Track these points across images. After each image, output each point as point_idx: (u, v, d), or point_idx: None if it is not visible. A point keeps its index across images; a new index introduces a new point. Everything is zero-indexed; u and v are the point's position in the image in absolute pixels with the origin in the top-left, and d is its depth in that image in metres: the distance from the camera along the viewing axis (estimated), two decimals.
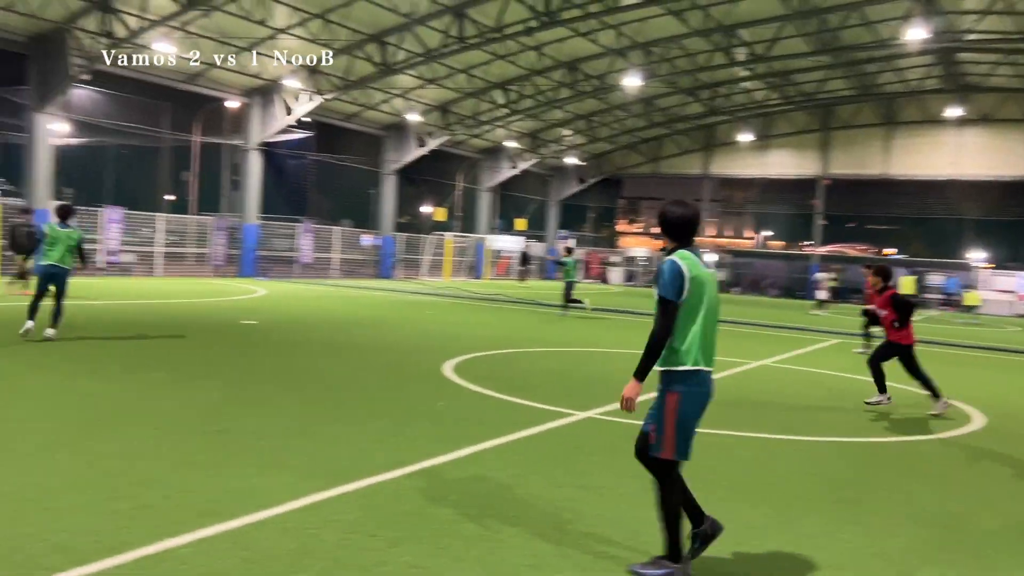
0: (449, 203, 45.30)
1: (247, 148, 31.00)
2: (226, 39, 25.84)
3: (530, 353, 12.55)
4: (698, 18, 25.72)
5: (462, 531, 4.50)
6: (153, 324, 13.51)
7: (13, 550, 3.83)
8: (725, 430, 7.61)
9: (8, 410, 6.61)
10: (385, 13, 24.82)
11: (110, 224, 26.71)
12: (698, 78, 33.82)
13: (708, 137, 45.01)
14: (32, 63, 24.33)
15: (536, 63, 30.29)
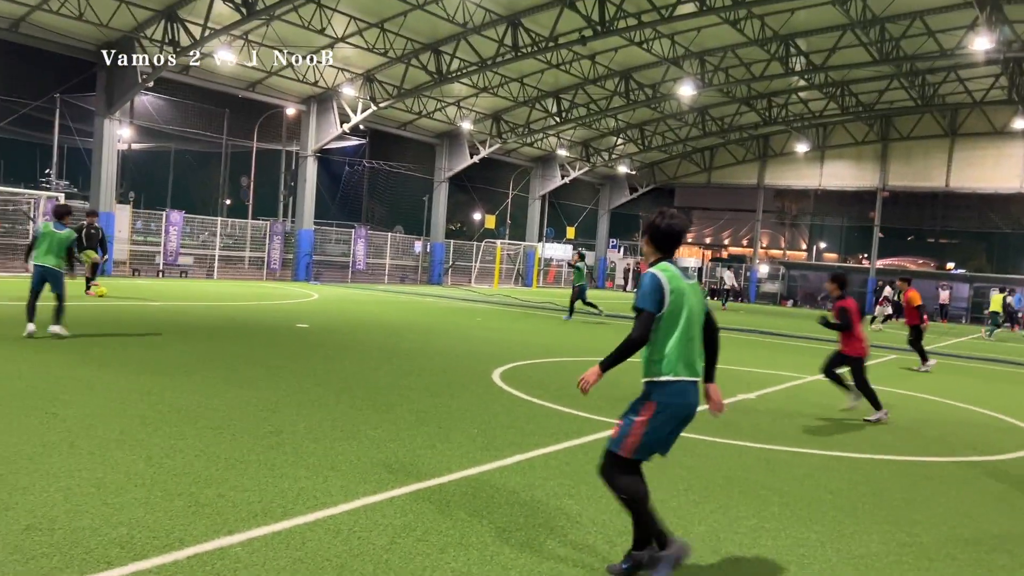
0: (500, 211, 45.43)
1: (303, 154, 31.56)
2: (285, 48, 26.38)
3: (579, 362, 12.49)
4: (755, 27, 25.43)
5: (511, 539, 4.50)
6: (210, 326, 13.80)
7: (73, 543, 3.94)
8: (778, 445, 7.48)
9: (73, 407, 6.81)
10: (441, 22, 25.08)
11: (171, 227, 27.40)
12: (754, 88, 33.43)
13: (763, 147, 44.41)
14: (100, 70, 25.17)
15: (589, 72, 30.28)
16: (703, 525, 5.04)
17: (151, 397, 7.44)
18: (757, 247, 47.46)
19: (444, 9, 24.12)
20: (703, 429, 7.87)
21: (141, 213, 29.05)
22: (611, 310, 25.68)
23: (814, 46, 27.89)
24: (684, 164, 46.96)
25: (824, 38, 26.76)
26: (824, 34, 26.28)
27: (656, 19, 23.22)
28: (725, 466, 6.55)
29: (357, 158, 45.49)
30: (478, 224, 50.96)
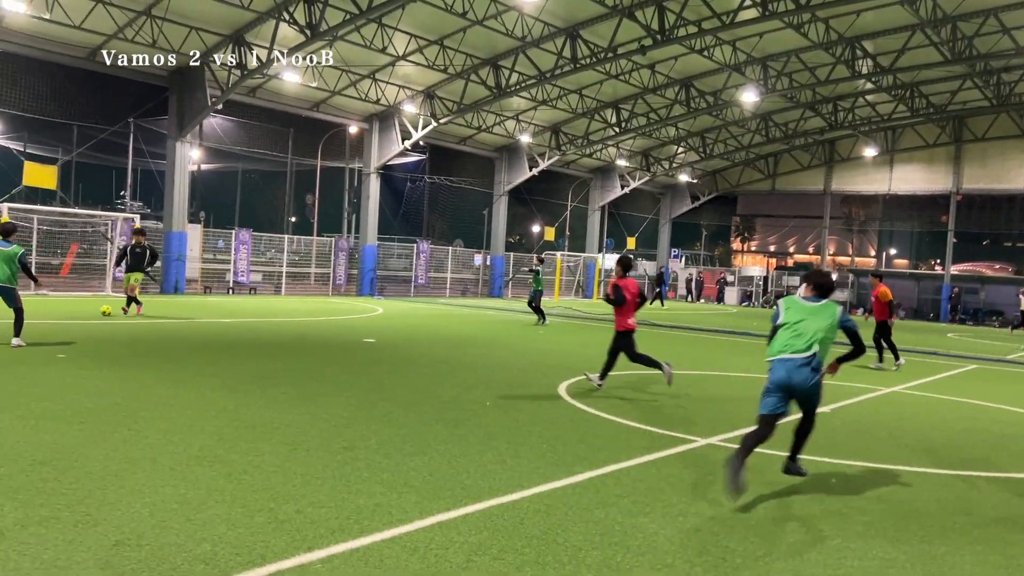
0: (559, 222, 45.39)
1: (366, 171, 32.09)
2: (348, 67, 26.92)
3: (644, 376, 12.33)
4: (819, 31, 24.93)
5: (586, 559, 4.44)
6: (280, 342, 14.08)
7: (160, 560, 4.03)
8: (857, 460, 7.24)
9: (153, 424, 7.01)
10: (500, 37, 25.27)
11: (240, 245, 28.12)
12: (819, 92, 32.77)
13: (829, 152, 43.46)
14: (172, 94, 26.06)
15: (649, 81, 30.10)
16: (785, 544, 4.90)
17: (227, 414, 7.60)
18: (824, 254, 46.37)
19: (503, 24, 24.30)
20: (778, 445, 7.68)
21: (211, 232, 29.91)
22: (676, 321, 25.36)
23: (882, 48, 27.20)
24: (747, 171, 46.25)
25: (892, 39, 26.08)
26: (892, 35, 25.62)
27: (717, 26, 22.98)
28: (804, 482, 6.37)
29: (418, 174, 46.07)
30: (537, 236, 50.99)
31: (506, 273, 39.05)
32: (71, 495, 4.94)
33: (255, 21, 23.10)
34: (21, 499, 4.81)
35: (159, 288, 26.38)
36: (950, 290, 39.24)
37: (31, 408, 7.33)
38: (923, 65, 27.92)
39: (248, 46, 23.94)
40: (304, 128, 37.02)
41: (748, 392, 11.04)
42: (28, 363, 9.91)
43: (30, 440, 6.18)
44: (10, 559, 3.92)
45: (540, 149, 36.78)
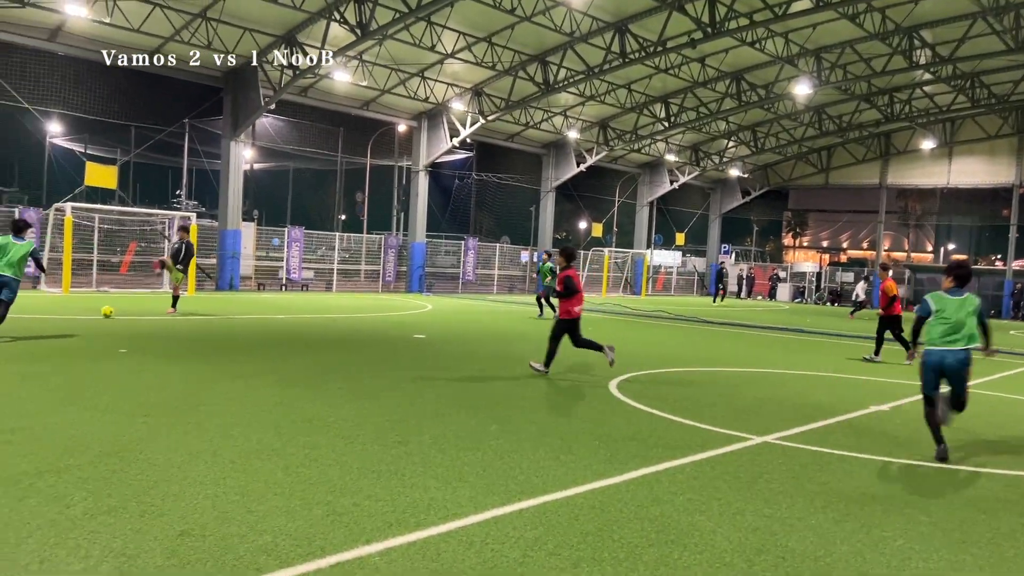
0: (607, 219, 45.16)
1: (415, 169, 32.33)
2: (397, 66, 27.14)
3: (696, 372, 12.22)
4: (875, 21, 24.33)
5: (643, 556, 4.41)
6: (333, 338, 14.27)
7: (224, 550, 4.12)
8: (919, 460, 7.06)
9: (213, 418, 7.17)
10: (548, 33, 25.22)
11: (292, 243, 28.57)
12: (874, 84, 31.99)
13: (885, 145, 42.42)
14: (226, 95, 26.59)
15: (699, 75, 29.75)
16: (846, 545, 4.80)
17: (283, 408, 7.74)
18: (880, 250, 45.31)
19: (551, 20, 24.24)
20: (835, 443, 7.55)
21: (264, 230, 30.44)
22: (727, 318, 25.05)
23: (940, 37, 26.44)
24: (799, 165, 45.40)
25: (952, 28, 25.32)
26: (952, 24, 24.87)
27: (769, 18, 22.58)
28: (863, 483, 6.24)
29: (465, 171, 46.26)
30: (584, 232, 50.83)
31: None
32: (137, 486, 5.08)
33: (306, 21, 23.43)
34: (90, 489, 4.96)
35: (214, 285, 26.96)
36: (1012, 286, 38.02)
37: (96, 401, 7.56)
38: (984, 54, 27.04)
39: (300, 46, 24.30)
40: (354, 127, 37.47)
41: (803, 390, 10.86)
42: (91, 358, 10.21)
43: (96, 432, 6.37)
44: (80, 547, 4.04)
45: (588, 145, 36.63)
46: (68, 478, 5.15)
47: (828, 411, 9.25)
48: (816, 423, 8.50)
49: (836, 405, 9.73)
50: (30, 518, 4.41)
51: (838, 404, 9.81)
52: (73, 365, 9.55)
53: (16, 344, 11.10)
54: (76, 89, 26.48)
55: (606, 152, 36.85)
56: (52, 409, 7.12)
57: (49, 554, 3.94)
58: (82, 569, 3.79)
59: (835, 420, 8.74)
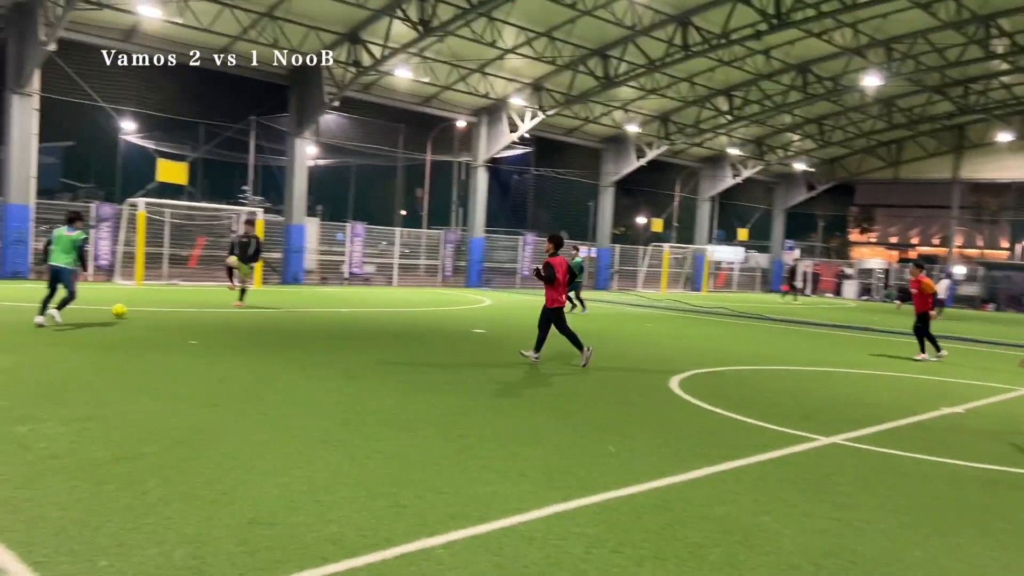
0: (667, 214, 44.65)
1: (474, 165, 32.47)
2: (458, 62, 27.27)
3: (760, 371, 12.00)
4: (950, 9, 23.50)
5: (707, 556, 4.35)
6: (396, 331, 14.45)
7: (292, 538, 4.21)
8: (995, 464, 6.81)
9: (280, 409, 7.32)
10: (609, 26, 25.03)
11: (354, 238, 28.99)
12: (947, 74, 30.93)
13: (958, 138, 40.96)
14: (292, 93, 27.10)
15: (764, 67, 29.18)
16: (919, 550, 4.66)
17: (348, 400, 7.86)
18: (952, 246, 43.81)
19: (612, 13, 24.07)
20: (907, 446, 7.33)
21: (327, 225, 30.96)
22: (792, 315, 24.54)
23: (1020, 25, 25.40)
24: (867, 159, 44.16)
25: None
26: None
27: (838, 8, 22.00)
28: (936, 487, 6.04)
29: (524, 166, 46.25)
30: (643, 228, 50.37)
31: (612, 265, 38.74)
32: (208, 474, 5.22)
33: (370, 19, 23.72)
34: (163, 476, 5.12)
35: (279, 278, 27.55)
36: None
37: (168, 391, 7.79)
38: None
39: (363, 43, 24.61)
40: (414, 123, 37.78)
41: (871, 390, 10.58)
42: (163, 350, 10.53)
43: (168, 421, 6.57)
44: (156, 532, 4.18)
45: (648, 139, 36.26)
46: (143, 465, 5.33)
47: (898, 412, 8.99)
48: (886, 424, 8.27)
49: (906, 406, 9.45)
50: (108, 503, 4.57)
51: (908, 405, 9.53)
52: (146, 355, 9.86)
53: (92, 334, 11.52)
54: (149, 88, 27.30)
55: (666, 146, 36.43)
56: (127, 398, 7.37)
57: (127, 538, 4.08)
58: (157, 553, 3.91)
59: (906, 421, 8.49)
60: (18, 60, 21.51)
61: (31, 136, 22.17)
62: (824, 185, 46.21)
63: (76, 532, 4.11)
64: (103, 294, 18.65)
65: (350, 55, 24.93)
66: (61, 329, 11.68)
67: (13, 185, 21.98)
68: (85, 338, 11.11)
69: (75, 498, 4.61)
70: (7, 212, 22.10)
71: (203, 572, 3.74)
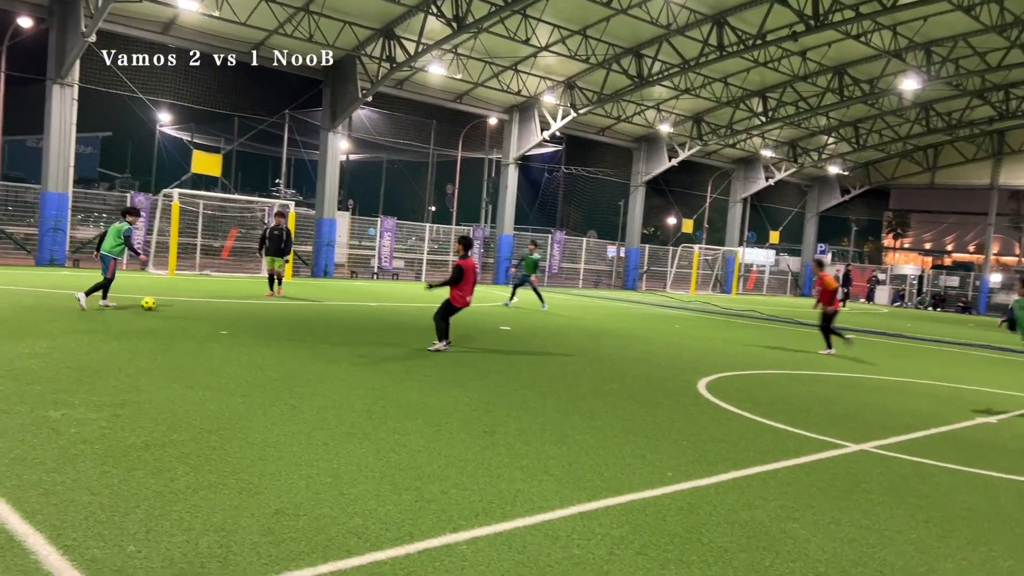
0: (698, 215, 44.33)
1: (505, 162, 32.47)
2: (491, 59, 27.28)
3: (790, 375, 11.87)
4: (992, 13, 23.05)
5: (733, 561, 4.30)
6: (423, 326, 14.48)
7: (317, 530, 4.23)
8: None
9: (308, 400, 7.37)
10: (644, 25, 24.88)
11: (385, 232, 29.13)
12: (988, 79, 30.37)
13: (998, 143, 40.20)
14: (326, 87, 27.28)
15: (799, 69, 28.84)
16: (950, 562, 4.58)
17: (375, 393, 7.90)
18: (989, 253, 43.02)
19: (647, 12, 23.91)
20: (939, 455, 7.20)
21: (358, 219, 31.15)
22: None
23: None
24: (903, 164, 43.48)
25: None
26: None
27: (877, 10, 21.66)
28: (968, 497, 5.93)
29: (555, 164, 46.16)
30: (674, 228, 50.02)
31: (641, 265, 38.56)
32: (236, 463, 5.27)
33: (405, 15, 23.80)
34: (192, 464, 5.17)
35: (310, 271, 27.77)
36: None
37: (199, 380, 7.88)
38: None
39: (397, 39, 24.70)
40: (446, 119, 37.86)
41: (903, 397, 10.42)
42: (195, 339, 10.65)
43: (198, 410, 6.64)
44: (183, 520, 4.22)
45: (680, 139, 36.01)
46: (172, 452, 5.39)
47: (930, 420, 8.84)
48: (917, 433, 8.13)
49: (939, 414, 9.29)
50: (137, 489, 4.63)
51: (941, 414, 9.37)
52: (178, 344, 9.98)
53: (125, 322, 11.69)
54: (185, 80, 27.64)
55: (699, 147, 36.16)
56: (158, 385, 7.47)
57: (154, 524, 4.13)
58: (184, 540, 3.95)
59: (938, 431, 8.34)
60: (59, 50, 21.88)
61: (70, 126, 22.55)
62: (858, 189, 45.60)
63: (105, 517, 4.17)
64: (137, 283, 18.93)
65: (384, 50, 25.04)
66: (96, 316, 11.87)
67: (51, 174, 22.37)
68: (119, 326, 11.28)
69: (105, 483, 4.68)
70: (45, 200, 22.51)
71: (228, 561, 3.77)
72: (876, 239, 56.73)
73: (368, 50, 25.48)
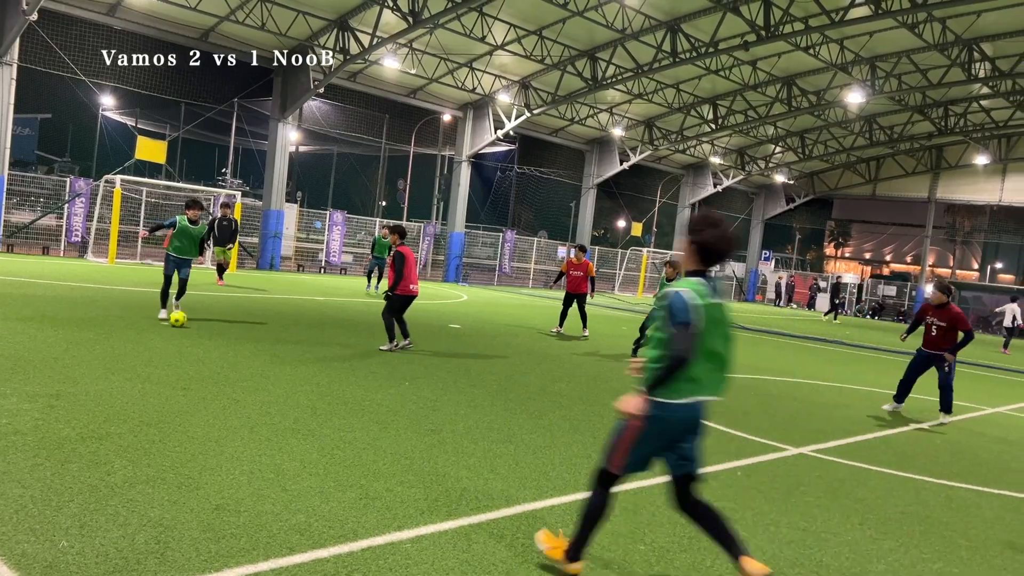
0: (647, 218, 44.84)
1: (458, 159, 32.37)
2: (446, 55, 27.17)
3: (732, 379, 12.05)
4: (935, 31, 23.79)
5: (674, 560, 4.36)
6: (370, 323, 14.36)
7: (258, 527, 4.16)
8: (960, 482, 6.91)
9: (252, 395, 7.25)
10: (599, 29, 25.05)
11: (333, 226, 28.79)
12: (929, 95, 31.34)
13: (936, 158, 41.53)
14: (277, 76, 26.84)
15: (749, 78, 29.36)
16: (882, 563, 4.71)
17: (320, 389, 7.80)
18: (925, 265, 44.43)
19: (603, 15, 24.08)
20: (874, 459, 7.41)
21: (307, 212, 30.72)
22: (766, 325, 24.74)
23: (1002, 51, 25.80)
24: (847, 175, 44.64)
25: (1014, 42, 24.72)
26: (1014, 38, 24.28)
27: (825, 23, 22.18)
28: (901, 501, 6.11)
29: (508, 163, 46.21)
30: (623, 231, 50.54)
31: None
32: (175, 457, 5.15)
33: (359, 7, 23.55)
34: (129, 458, 5.04)
35: (255, 263, 27.30)
36: None
37: (138, 372, 7.68)
38: None
39: (351, 31, 24.43)
40: (399, 114, 37.58)
41: (841, 403, 10.69)
42: (134, 329, 10.38)
43: (137, 402, 6.47)
44: (119, 514, 4.11)
45: (632, 143, 36.37)
46: (109, 446, 5.24)
47: (867, 426, 9.09)
48: (854, 437, 8.36)
49: (875, 420, 9.56)
50: (72, 482, 4.49)
51: (877, 419, 9.64)
52: (116, 335, 9.72)
53: (63, 310, 11.33)
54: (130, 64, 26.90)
55: (650, 151, 36.57)
56: (95, 376, 7.26)
57: (89, 519, 4.01)
58: (120, 536, 3.85)
59: (874, 436, 8.58)
60: None
61: (7, 106, 21.76)
62: (803, 198, 46.65)
63: (37, 511, 4.04)
64: (74, 270, 18.38)
65: (338, 42, 24.74)
66: (31, 303, 11.49)
67: None
68: (56, 314, 10.93)
69: (37, 476, 4.53)
70: None
71: (166, 557, 3.68)
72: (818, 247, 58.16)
73: (322, 41, 25.14)
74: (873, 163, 43.34)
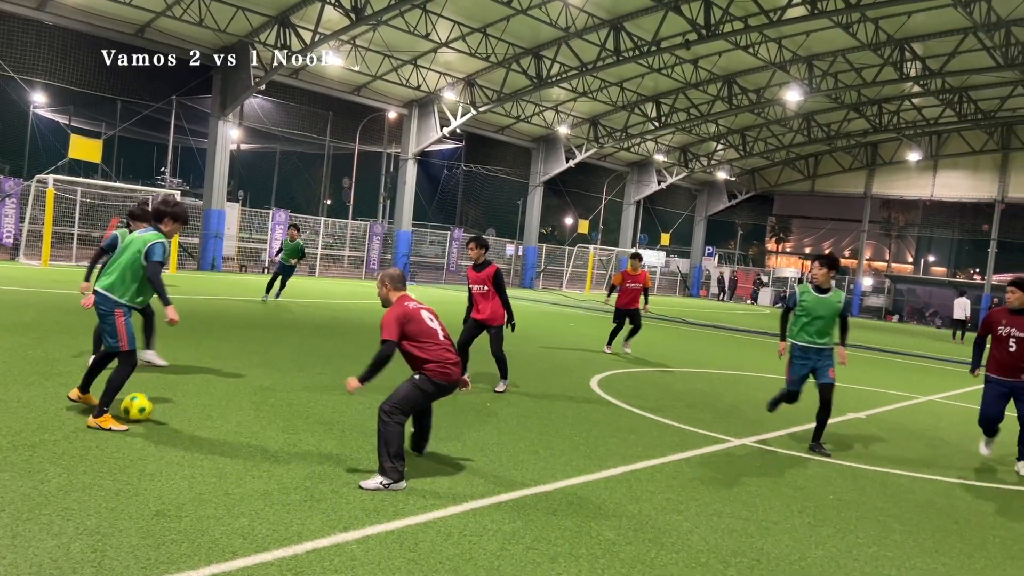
0: (593, 215, 45.21)
1: (404, 157, 32.18)
2: (390, 52, 26.97)
3: (677, 372, 12.26)
4: (868, 31, 24.47)
5: (620, 553, 4.42)
6: (317, 323, 14.20)
7: (199, 531, 4.09)
8: (894, 468, 7.13)
9: (193, 398, 7.10)
10: (543, 27, 25.14)
11: (276, 226, 28.35)
12: (864, 94, 32.22)
13: (871, 155, 42.75)
14: (216, 74, 26.31)
15: (691, 76, 29.80)
16: (821, 549, 4.84)
17: (264, 391, 7.68)
18: (862, 259, 45.69)
19: (547, 14, 24.17)
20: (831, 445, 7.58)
21: (249, 211, 30.20)
22: (710, 320, 25.16)
23: (932, 50, 26.67)
24: (786, 171, 45.68)
25: (943, 42, 25.56)
26: (943, 38, 25.10)
27: (764, 23, 22.64)
28: (838, 488, 6.29)
29: (454, 161, 46.11)
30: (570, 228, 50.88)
31: (538, 264, 39.00)
32: (112, 463, 5.02)
33: (301, 3, 23.20)
34: (64, 465, 4.90)
35: (196, 264, 26.73)
36: (990, 300, 38.47)
37: (75, 378, 7.44)
38: (973, 70, 27.30)
39: (293, 27, 24.07)
40: (343, 112, 37.18)
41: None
42: (69, 333, 10.08)
43: (72, 408, 6.29)
44: (54, 523, 3.99)
45: (578, 141, 36.61)
46: (43, 453, 5.09)
47: (806, 416, 9.30)
48: (794, 427, 8.56)
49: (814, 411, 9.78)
50: (3, 492, 4.35)
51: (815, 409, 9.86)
52: (51, 339, 9.43)
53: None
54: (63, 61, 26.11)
55: (596, 149, 36.86)
56: (29, 383, 7.03)
57: (21, 529, 3.89)
58: (55, 546, 3.74)
59: (812, 425, 8.78)
60: None
61: None
62: (744, 195, 47.56)
63: None
64: (4, 273, 17.76)
65: (279, 38, 24.35)
66: None
67: None
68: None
69: None
70: None
71: (103, 566, 3.59)
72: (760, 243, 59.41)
73: (262, 37, 24.71)
74: (811, 160, 44.40)
